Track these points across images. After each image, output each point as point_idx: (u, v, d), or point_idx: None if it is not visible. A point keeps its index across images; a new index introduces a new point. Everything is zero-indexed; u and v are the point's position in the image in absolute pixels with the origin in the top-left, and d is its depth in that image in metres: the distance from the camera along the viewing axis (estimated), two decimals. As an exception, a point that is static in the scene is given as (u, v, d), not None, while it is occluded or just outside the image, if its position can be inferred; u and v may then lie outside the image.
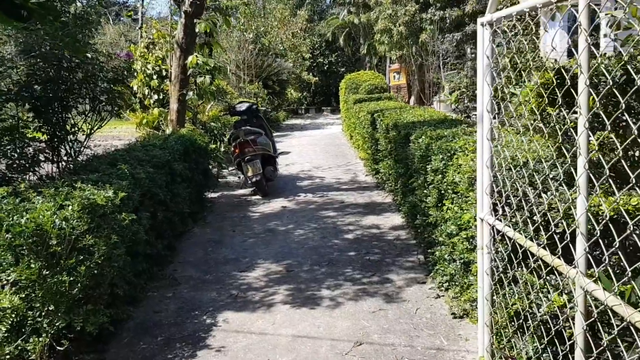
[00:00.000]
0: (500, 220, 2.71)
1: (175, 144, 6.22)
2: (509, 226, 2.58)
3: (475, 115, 6.80)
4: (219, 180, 9.85)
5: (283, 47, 24.09)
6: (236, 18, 21.47)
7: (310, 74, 27.73)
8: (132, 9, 34.14)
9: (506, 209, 2.69)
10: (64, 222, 3.32)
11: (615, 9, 3.31)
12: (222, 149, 10.64)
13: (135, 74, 10.84)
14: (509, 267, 2.69)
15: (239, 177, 8.93)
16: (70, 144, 5.29)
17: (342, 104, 15.83)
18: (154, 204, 4.90)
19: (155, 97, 10.38)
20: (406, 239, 5.91)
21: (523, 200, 2.51)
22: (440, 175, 4.13)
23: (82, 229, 3.42)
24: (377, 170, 8.62)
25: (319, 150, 13.69)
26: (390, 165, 7.00)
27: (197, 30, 7.65)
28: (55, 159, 5.28)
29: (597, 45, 6.73)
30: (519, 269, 2.58)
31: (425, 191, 4.64)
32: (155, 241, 4.98)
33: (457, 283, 4.13)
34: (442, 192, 4.14)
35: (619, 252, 1.78)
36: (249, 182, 8.35)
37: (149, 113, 9.29)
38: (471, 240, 3.55)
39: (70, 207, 3.42)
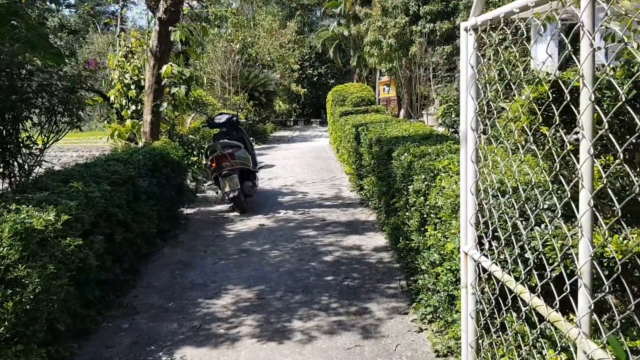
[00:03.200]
0: (487, 257, 2.32)
1: (143, 158, 5.80)
2: (497, 264, 2.19)
3: (463, 130, 6.47)
4: (197, 195, 9.42)
5: (271, 58, 23.76)
6: (224, 27, 21.15)
7: (300, 85, 27.41)
8: (112, 17, 33.79)
9: (493, 243, 2.30)
10: (-11, 251, 2.90)
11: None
12: (204, 162, 10.23)
13: (113, 83, 10.47)
14: (497, 312, 2.30)
15: (217, 192, 8.52)
16: (23, 157, 4.86)
17: (330, 117, 15.50)
18: (111, 225, 4.47)
19: (133, 107, 9.94)
20: (389, 262, 5.51)
21: (513, 235, 2.12)
22: (422, 198, 3.75)
23: (13, 258, 3.00)
24: (361, 186, 8.24)
25: (305, 164, 13.30)
26: (374, 182, 6.62)
27: (172, 38, 7.26)
28: (7, 174, 4.85)
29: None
30: (508, 315, 2.19)
31: (407, 213, 4.25)
32: (113, 265, 4.55)
33: (441, 317, 3.74)
34: (425, 215, 3.76)
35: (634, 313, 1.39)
36: (227, 197, 7.93)
37: (123, 124, 8.87)
38: (455, 272, 3.16)
39: (-1, 233, 3.01)
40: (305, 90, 26.60)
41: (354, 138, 8.36)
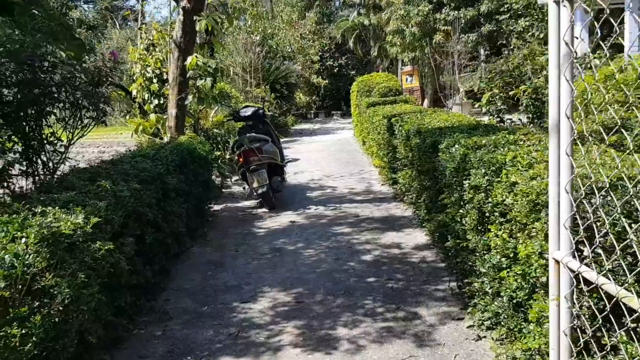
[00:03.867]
0: (590, 267, 1.97)
1: (170, 154, 5.53)
2: (609, 278, 1.84)
3: (510, 120, 6.07)
4: (223, 190, 9.15)
5: (291, 50, 23.40)
6: (243, 19, 20.85)
7: (320, 77, 27.01)
8: (130, 9, 33.71)
9: (601, 252, 1.95)
10: (14, 259, 2.63)
11: None
12: (227, 157, 9.97)
13: (134, 77, 10.23)
14: (604, 332, 1.96)
15: (244, 188, 8.23)
16: (47, 155, 4.61)
17: (354, 108, 15.11)
18: (141, 225, 4.20)
19: (156, 101, 9.69)
20: (433, 262, 5.16)
21: (635, 244, 1.76)
22: (482, 194, 3.39)
23: (40, 266, 2.73)
24: (394, 180, 7.89)
25: (330, 157, 12.96)
26: (412, 176, 6.27)
27: (196, 28, 6.97)
28: (31, 172, 4.60)
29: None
30: (623, 337, 1.85)
31: (461, 210, 3.90)
32: (144, 268, 4.28)
33: (503, 324, 3.39)
34: (486, 214, 3.40)
35: None
36: (255, 194, 7.64)
37: (147, 119, 8.61)
38: (528, 279, 2.81)
39: (24, 240, 2.73)
40: (326, 81, 26.19)
41: (386, 130, 7.99)
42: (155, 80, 9.78)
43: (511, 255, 3.00)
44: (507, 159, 3.19)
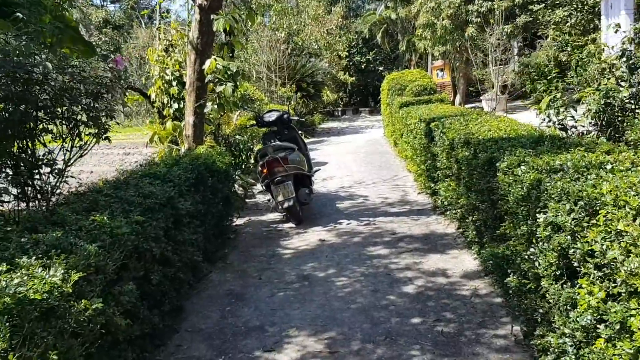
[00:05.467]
0: None
1: (184, 171, 4.89)
2: None
3: (574, 128, 5.24)
4: (247, 201, 8.53)
5: (318, 46, 22.67)
6: (268, 16, 20.23)
7: (347, 73, 26.23)
8: (152, 9, 33.47)
9: None
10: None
11: None
12: (252, 162, 9.35)
13: (153, 80, 9.70)
14: None
15: (269, 200, 7.58)
16: (41, 178, 4.02)
17: (384, 107, 14.34)
18: (145, 264, 3.57)
19: (175, 105, 9.10)
20: (487, 295, 4.42)
21: None
22: (568, 236, 2.65)
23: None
24: (433, 190, 7.14)
25: (360, 160, 12.24)
26: (458, 191, 5.52)
27: (214, 28, 6.32)
28: (23, 199, 4.02)
29: None
30: None
31: (532, 249, 3.15)
32: (150, 313, 3.64)
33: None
34: (572, 261, 2.66)
35: None
36: (280, 207, 6.99)
37: (164, 126, 8.03)
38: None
39: (-24, 314, 2.11)
40: (354, 78, 25.41)
41: (424, 135, 7.24)
42: (174, 83, 9.19)
43: (615, 326, 2.26)
44: (604, 194, 2.44)
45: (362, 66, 28.54)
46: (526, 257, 3.29)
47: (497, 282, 4.37)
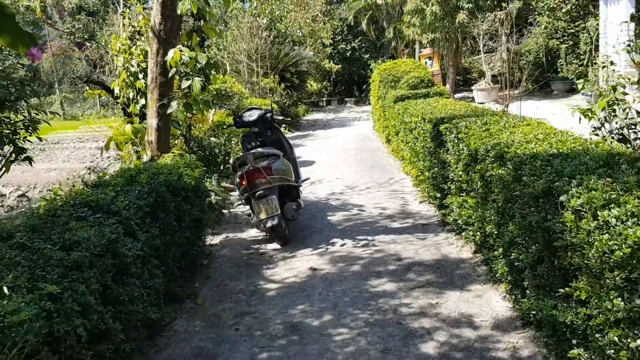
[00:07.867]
0: None
1: (137, 198, 3.76)
2: None
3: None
4: (224, 211, 7.40)
5: (302, 34, 21.40)
6: (249, 1, 18.95)
7: (331, 61, 25.02)
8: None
9: None
10: None
11: None
12: (229, 165, 8.22)
13: (117, 72, 8.53)
14: None
15: (249, 215, 6.47)
16: None
17: (375, 100, 13.23)
18: (65, 352, 2.45)
19: (143, 101, 7.94)
20: (531, 357, 3.40)
21: None
22: None
23: None
24: (441, 203, 6.09)
25: (350, 159, 11.14)
26: (483, 215, 4.46)
27: (178, 11, 5.17)
28: None
29: None
30: None
31: (626, 329, 2.12)
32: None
33: None
34: None
35: None
36: (262, 226, 5.89)
37: (132, 125, 6.84)
38: None
39: None
40: (339, 67, 24.24)
41: (431, 138, 6.17)
42: (141, 76, 8.03)
43: None
44: None
45: (347, 54, 27.32)
46: (605, 330, 2.25)
47: (542, 337, 3.34)
